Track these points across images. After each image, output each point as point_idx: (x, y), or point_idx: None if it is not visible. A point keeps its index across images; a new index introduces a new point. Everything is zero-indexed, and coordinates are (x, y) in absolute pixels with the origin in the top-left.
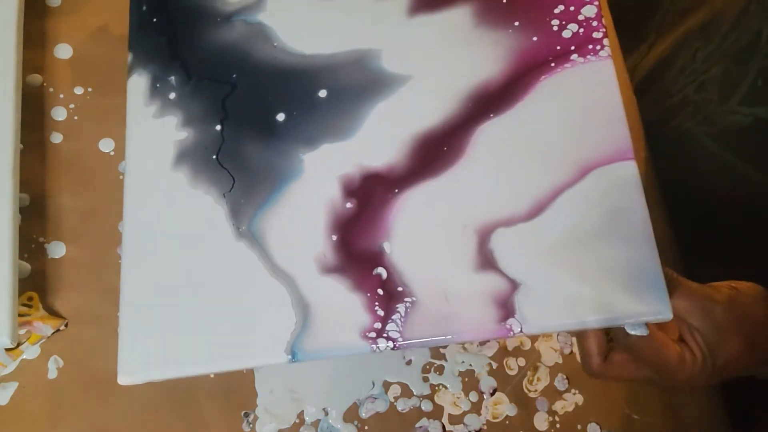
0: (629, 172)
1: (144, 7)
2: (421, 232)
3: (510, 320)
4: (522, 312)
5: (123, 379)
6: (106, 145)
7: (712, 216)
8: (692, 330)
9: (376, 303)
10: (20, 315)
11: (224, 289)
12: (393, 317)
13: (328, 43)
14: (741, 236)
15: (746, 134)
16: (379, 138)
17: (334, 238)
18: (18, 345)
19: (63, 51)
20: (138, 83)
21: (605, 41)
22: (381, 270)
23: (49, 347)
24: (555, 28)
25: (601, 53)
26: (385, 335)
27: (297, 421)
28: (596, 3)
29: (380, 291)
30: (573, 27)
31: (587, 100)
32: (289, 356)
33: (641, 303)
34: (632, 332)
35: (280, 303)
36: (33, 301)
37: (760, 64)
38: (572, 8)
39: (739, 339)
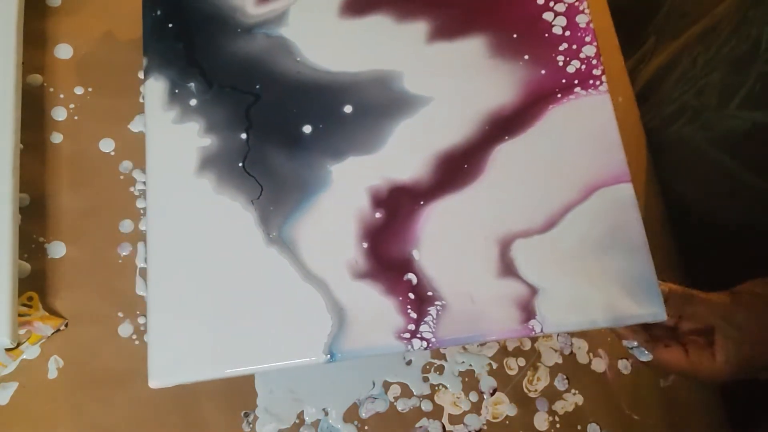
0: (627, 193)
1: (158, 12)
2: (447, 241)
3: (532, 321)
4: (542, 314)
5: (154, 383)
6: (106, 145)
7: (712, 220)
8: (717, 332)
9: (408, 306)
10: (20, 315)
11: (256, 292)
12: (426, 319)
13: (350, 61)
14: (741, 240)
15: (745, 139)
16: (403, 153)
17: (365, 245)
18: (18, 345)
19: (63, 51)
20: (155, 88)
21: (603, 77)
22: (411, 276)
23: (49, 347)
24: (560, 64)
25: (600, 88)
26: (419, 336)
27: (297, 421)
28: (595, 44)
29: (411, 295)
30: (576, 63)
31: (589, 128)
32: (328, 356)
33: (640, 306)
34: (641, 359)
35: (314, 306)
36: (33, 301)
37: (759, 69)
38: (575, 47)
39: (758, 335)
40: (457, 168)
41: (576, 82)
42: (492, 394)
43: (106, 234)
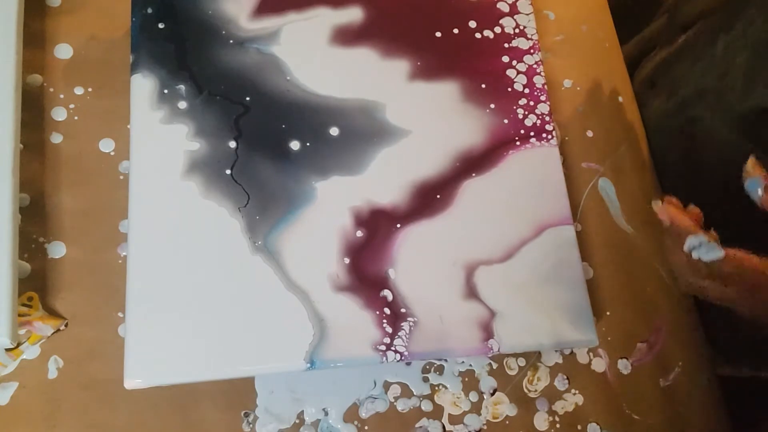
0: (569, 234)
1: (148, 10)
2: (419, 263)
3: (491, 341)
4: (498, 335)
5: (129, 383)
6: (106, 145)
7: (725, 204)
8: None
9: (384, 321)
10: (20, 315)
11: (239, 298)
12: (399, 334)
13: (337, 87)
14: (756, 225)
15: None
16: (384, 179)
17: (347, 261)
18: (18, 345)
19: (63, 51)
20: (142, 85)
21: (554, 133)
22: (387, 292)
23: (49, 347)
24: (520, 116)
25: (551, 141)
26: (393, 349)
27: (297, 421)
28: (548, 103)
29: (387, 310)
30: (532, 118)
31: (541, 174)
32: (308, 364)
33: (578, 333)
34: (707, 257)
35: (296, 315)
36: (33, 301)
37: None
38: (532, 103)
39: None
40: (430, 197)
41: (532, 134)
42: (492, 394)
43: (106, 234)
